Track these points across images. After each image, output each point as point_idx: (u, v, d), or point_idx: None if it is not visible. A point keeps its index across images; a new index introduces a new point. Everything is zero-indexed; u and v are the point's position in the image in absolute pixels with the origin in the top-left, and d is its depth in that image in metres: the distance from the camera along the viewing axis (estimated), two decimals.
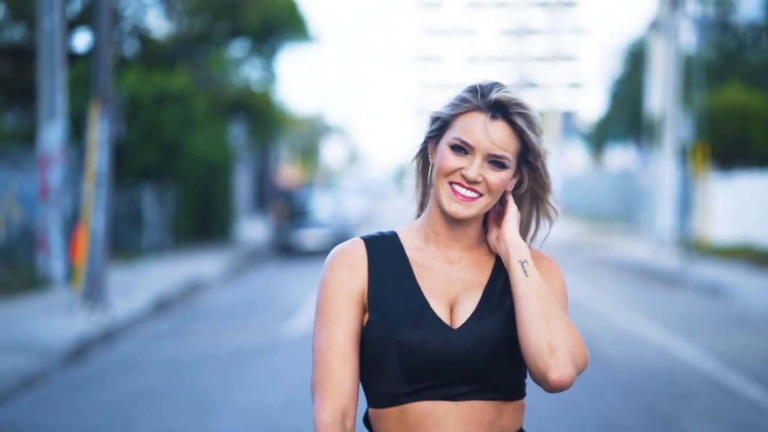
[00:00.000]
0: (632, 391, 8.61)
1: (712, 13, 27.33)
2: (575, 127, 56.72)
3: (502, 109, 2.23)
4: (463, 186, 2.23)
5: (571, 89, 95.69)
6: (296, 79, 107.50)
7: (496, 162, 2.23)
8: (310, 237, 25.58)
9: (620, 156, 46.22)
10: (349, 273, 2.28)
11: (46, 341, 10.66)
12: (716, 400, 8.25)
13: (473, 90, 2.27)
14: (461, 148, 2.23)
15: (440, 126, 2.29)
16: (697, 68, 23.08)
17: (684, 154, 23.31)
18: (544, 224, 2.43)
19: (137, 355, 10.80)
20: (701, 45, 29.29)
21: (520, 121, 2.23)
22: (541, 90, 65.52)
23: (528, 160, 2.29)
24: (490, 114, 2.24)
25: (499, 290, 2.29)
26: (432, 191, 2.29)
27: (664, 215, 24.32)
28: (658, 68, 25.79)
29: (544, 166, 2.32)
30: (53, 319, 12.24)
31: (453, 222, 2.28)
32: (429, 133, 2.32)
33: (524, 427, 2.32)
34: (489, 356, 2.23)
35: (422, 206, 2.38)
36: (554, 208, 2.40)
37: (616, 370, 9.55)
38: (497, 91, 2.23)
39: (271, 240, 26.83)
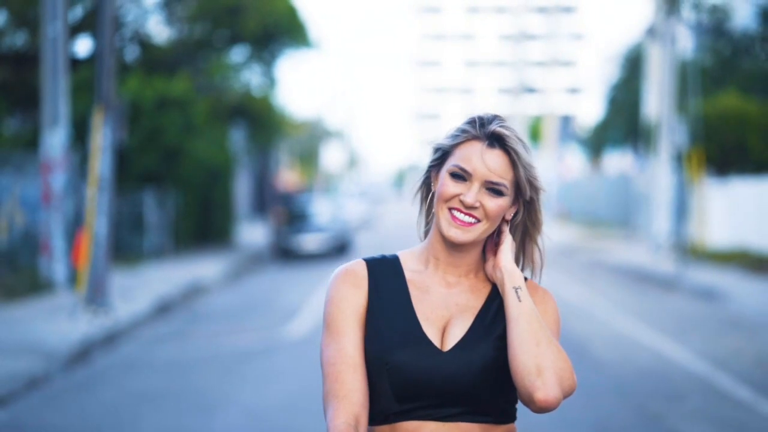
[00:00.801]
0: (624, 392, 8.81)
1: (706, 20, 27.52)
2: (573, 132, 56.91)
3: (500, 140, 2.33)
4: (461, 211, 2.31)
5: (569, 94, 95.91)
6: (296, 84, 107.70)
7: (493, 189, 2.32)
8: (309, 241, 25.77)
9: (618, 161, 46.39)
10: (352, 290, 2.36)
11: (49, 343, 10.85)
12: (706, 401, 8.45)
13: (472, 121, 2.36)
14: (460, 175, 2.32)
15: (441, 155, 2.38)
16: (692, 75, 23.28)
17: (680, 160, 23.50)
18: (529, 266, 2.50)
19: (140, 356, 11.00)
20: (698, 51, 29.51)
21: (514, 154, 2.33)
22: (540, 95, 65.67)
23: (523, 192, 2.39)
24: (488, 143, 2.33)
25: (491, 316, 2.36)
26: (434, 219, 2.38)
27: (660, 220, 24.51)
28: (654, 74, 25.99)
29: (538, 202, 2.43)
30: (57, 322, 12.43)
31: (452, 247, 2.36)
32: (431, 162, 2.40)
33: None
34: (477, 379, 2.30)
35: (427, 233, 2.47)
36: (540, 251, 2.49)
37: (610, 371, 9.76)
38: (497, 124, 2.34)
39: (271, 244, 27.02)
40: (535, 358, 2.25)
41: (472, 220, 2.32)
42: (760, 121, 26.01)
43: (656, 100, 25.57)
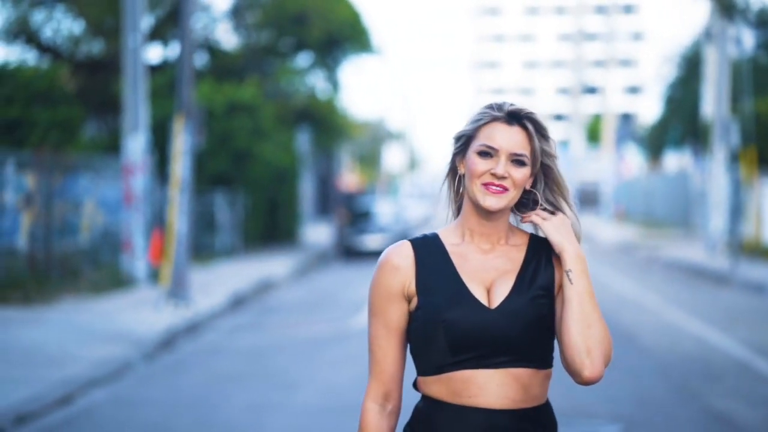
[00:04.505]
0: (666, 373, 9.61)
1: (754, 22, 27.82)
2: (633, 131, 57.17)
3: (517, 118, 2.66)
4: (493, 184, 2.64)
5: (628, 94, 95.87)
6: (358, 86, 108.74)
7: (517, 160, 2.64)
8: (372, 241, 26.66)
9: (677, 160, 46.62)
10: (391, 274, 2.71)
11: (138, 332, 11.85)
12: (742, 381, 9.21)
13: (490, 107, 2.70)
14: (487, 153, 2.64)
15: (466, 141, 2.71)
16: (747, 75, 23.82)
17: (735, 159, 24.03)
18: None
19: (221, 343, 11.97)
20: (757, 50, 29.93)
21: (530, 126, 2.66)
22: (599, 94, 66.05)
23: (537, 160, 2.70)
24: (507, 121, 2.66)
25: (529, 276, 2.67)
26: (465, 195, 2.72)
27: (716, 218, 25.04)
28: (711, 76, 26.49)
29: (556, 166, 2.73)
30: (142, 313, 13.46)
31: (486, 217, 2.69)
32: (456, 149, 2.75)
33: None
34: (522, 332, 2.60)
35: (458, 210, 2.81)
36: (574, 213, 2.73)
37: (655, 356, 10.53)
38: (510, 105, 2.68)
39: (335, 243, 27.96)
40: (586, 340, 2.55)
41: (503, 189, 2.65)
42: None
43: (711, 102, 26.08)
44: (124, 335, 11.63)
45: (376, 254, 26.34)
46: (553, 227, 2.68)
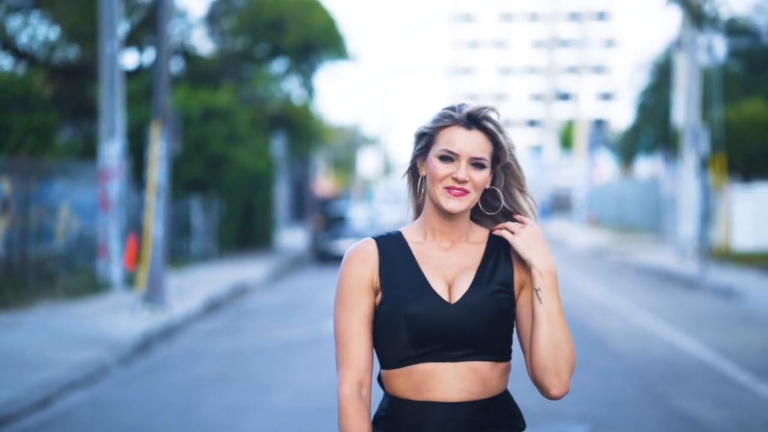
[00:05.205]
0: (635, 375, 9.83)
1: (723, 33, 28.16)
2: (605, 137, 57.62)
3: (476, 121, 2.73)
4: (455, 187, 2.72)
5: (601, 100, 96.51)
6: (334, 92, 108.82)
7: (477, 163, 2.72)
8: (346, 246, 26.82)
9: (649, 167, 47.00)
10: (360, 267, 2.74)
11: (115, 336, 11.98)
12: (708, 383, 9.45)
13: (451, 108, 2.77)
14: (448, 157, 2.71)
15: (426, 143, 2.78)
16: (717, 83, 24.17)
17: (705, 166, 24.36)
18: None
19: (197, 347, 12.11)
20: (729, 58, 30.32)
21: (490, 126, 2.73)
22: (572, 100, 66.45)
23: (500, 158, 2.78)
24: (466, 125, 2.73)
25: (488, 273, 2.76)
26: (427, 196, 2.79)
27: (686, 224, 25.37)
28: (682, 83, 26.83)
29: (515, 161, 2.80)
30: (119, 318, 13.58)
31: (448, 218, 2.77)
32: (416, 151, 2.82)
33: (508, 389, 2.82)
34: (481, 325, 2.69)
35: (418, 210, 2.90)
36: (531, 199, 2.84)
37: (624, 358, 10.76)
38: (471, 108, 2.74)
39: (310, 248, 28.12)
40: (555, 361, 2.66)
41: (464, 192, 2.73)
42: None
43: (682, 109, 26.42)
44: (101, 339, 11.75)
45: None
46: (523, 241, 2.74)
